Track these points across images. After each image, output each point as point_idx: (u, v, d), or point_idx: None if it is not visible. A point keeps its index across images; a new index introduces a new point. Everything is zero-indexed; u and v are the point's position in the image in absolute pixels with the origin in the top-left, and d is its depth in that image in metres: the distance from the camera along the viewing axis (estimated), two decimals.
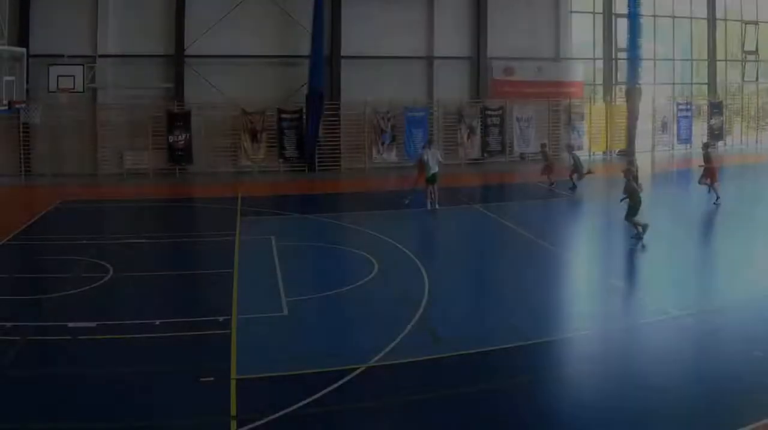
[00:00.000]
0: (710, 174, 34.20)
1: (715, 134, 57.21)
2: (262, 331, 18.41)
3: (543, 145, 42.78)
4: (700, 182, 34.65)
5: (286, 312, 19.64)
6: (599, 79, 55.89)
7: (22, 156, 44.41)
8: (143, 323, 18.73)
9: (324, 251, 26.39)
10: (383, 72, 47.86)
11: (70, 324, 18.46)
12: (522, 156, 50.42)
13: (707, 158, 34.74)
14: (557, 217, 33.39)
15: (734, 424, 13.09)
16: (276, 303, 20.23)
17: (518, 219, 31.34)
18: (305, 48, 45.93)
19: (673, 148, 56.05)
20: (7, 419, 13.58)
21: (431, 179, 33.26)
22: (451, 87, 49.44)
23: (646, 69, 54.09)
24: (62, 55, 43.23)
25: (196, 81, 45.74)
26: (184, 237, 29.25)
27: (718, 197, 33.67)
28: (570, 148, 41.63)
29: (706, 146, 36.65)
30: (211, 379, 15.15)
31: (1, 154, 44.50)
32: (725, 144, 58.84)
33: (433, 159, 33.53)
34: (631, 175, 27.27)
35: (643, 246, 26.06)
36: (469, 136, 48.87)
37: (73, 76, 41.99)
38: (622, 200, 27.17)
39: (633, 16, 51.74)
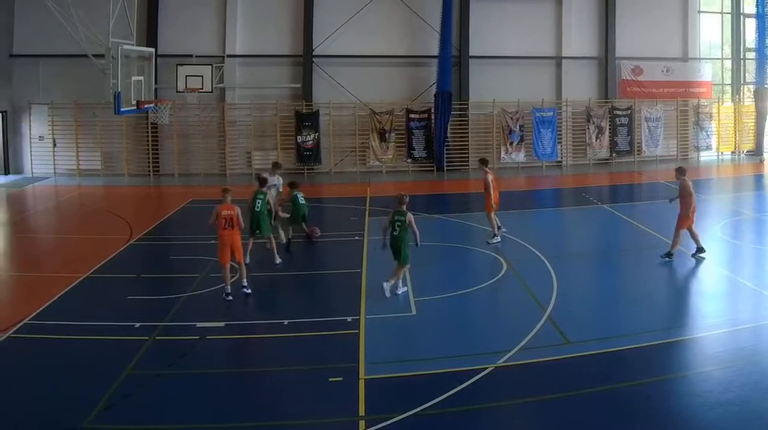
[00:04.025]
0: (487, 202, 27.58)
1: None
2: (391, 331, 18.37)
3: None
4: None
5: (414, 312, 19.57)
6: (727, 80, 54.72)
7: (150, 156, 45.17)
8: (271, 323, 18.92)
9: (452, 250, 26.01)
10: (511, 72, 47.41)
11: (198, 324, 18.59)
12: None
13: (486, 184, 27.58)
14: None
15: None
16: (404, 303, 20.21)
17: (646, 219, 30.67)
18: (433, 48, 45.79)
19: None
20: (136, 418, 13.64)
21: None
22: (579, 87, 48.68)
23: None
24: (191, 56, 43.87)
25: (323, 81, 45.91)
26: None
27: (495, 235, 27.14)
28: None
29: (484, 163, 28.65)
30: (340, 379, 15.09)
31: (131, 153, 45.40)
32: None
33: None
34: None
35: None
36: (597, 137, 48.17)
37: (201, 76, 42.30)
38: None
39: (761, 16, 50.82)
